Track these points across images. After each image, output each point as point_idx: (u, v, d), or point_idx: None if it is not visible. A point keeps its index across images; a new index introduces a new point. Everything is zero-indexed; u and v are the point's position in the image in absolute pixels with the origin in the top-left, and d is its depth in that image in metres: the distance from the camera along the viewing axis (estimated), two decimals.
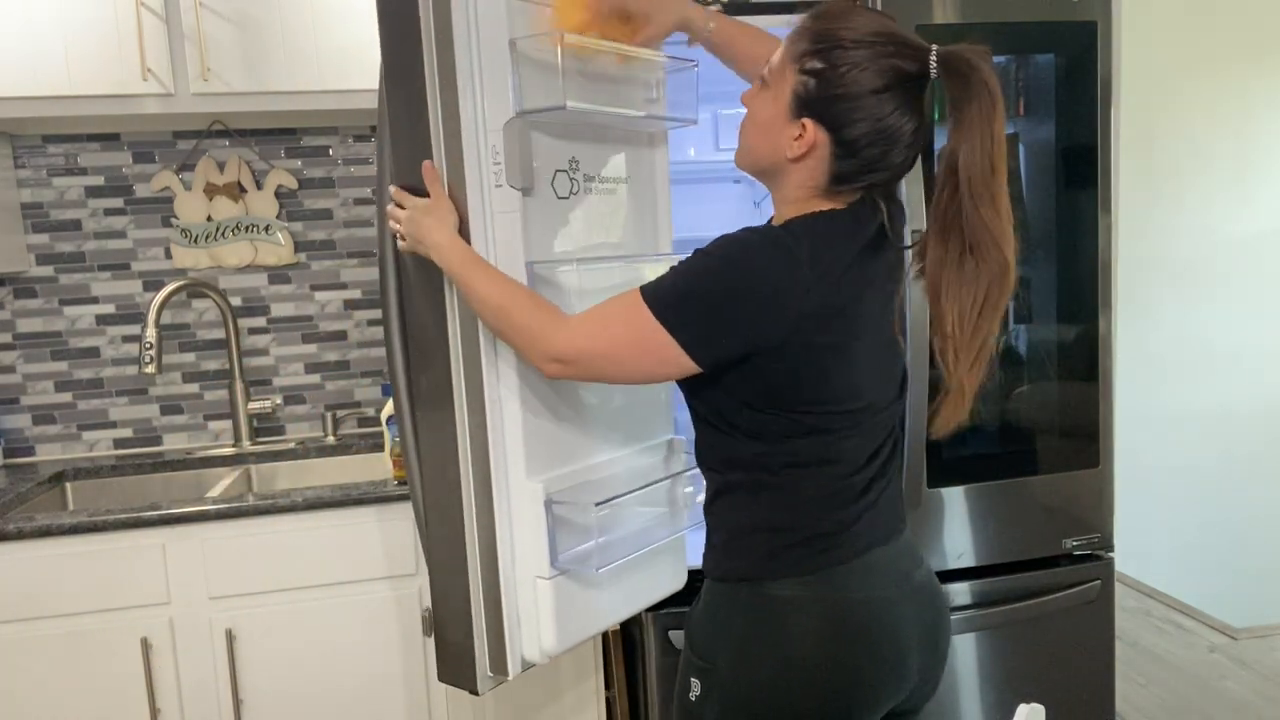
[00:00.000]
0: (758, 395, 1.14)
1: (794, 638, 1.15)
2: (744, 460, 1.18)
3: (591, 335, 1.15)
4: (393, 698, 1.98)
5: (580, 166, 1.41)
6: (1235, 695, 2.78)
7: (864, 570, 1.18)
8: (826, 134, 1.11)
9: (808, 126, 1.12)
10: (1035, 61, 2.01)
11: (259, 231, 2.41)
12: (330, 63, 2.08)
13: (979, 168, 1.06)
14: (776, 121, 1.15)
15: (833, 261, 1.11)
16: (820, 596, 1.16)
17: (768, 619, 1.16)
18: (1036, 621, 2.03)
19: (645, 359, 1.13)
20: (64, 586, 1.82)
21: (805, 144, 1.12)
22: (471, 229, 1.27)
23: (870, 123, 1.09)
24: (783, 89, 1.14)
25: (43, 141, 2.31)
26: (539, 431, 1.35)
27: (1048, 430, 2.04)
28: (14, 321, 2.34)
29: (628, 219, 1.51)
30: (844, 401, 1.15)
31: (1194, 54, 3.66)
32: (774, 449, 1.16)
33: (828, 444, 1.16)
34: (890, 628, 1.17)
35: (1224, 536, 3.84)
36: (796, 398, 1.13)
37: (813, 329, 1.10)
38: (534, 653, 1.38)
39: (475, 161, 1.27)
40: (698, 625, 1.23)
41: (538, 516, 1.33)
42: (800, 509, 1.17)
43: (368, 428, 2.52)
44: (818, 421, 1.15)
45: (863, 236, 1.15)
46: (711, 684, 1.18)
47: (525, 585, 1.36)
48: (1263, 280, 3.83)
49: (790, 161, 1.15)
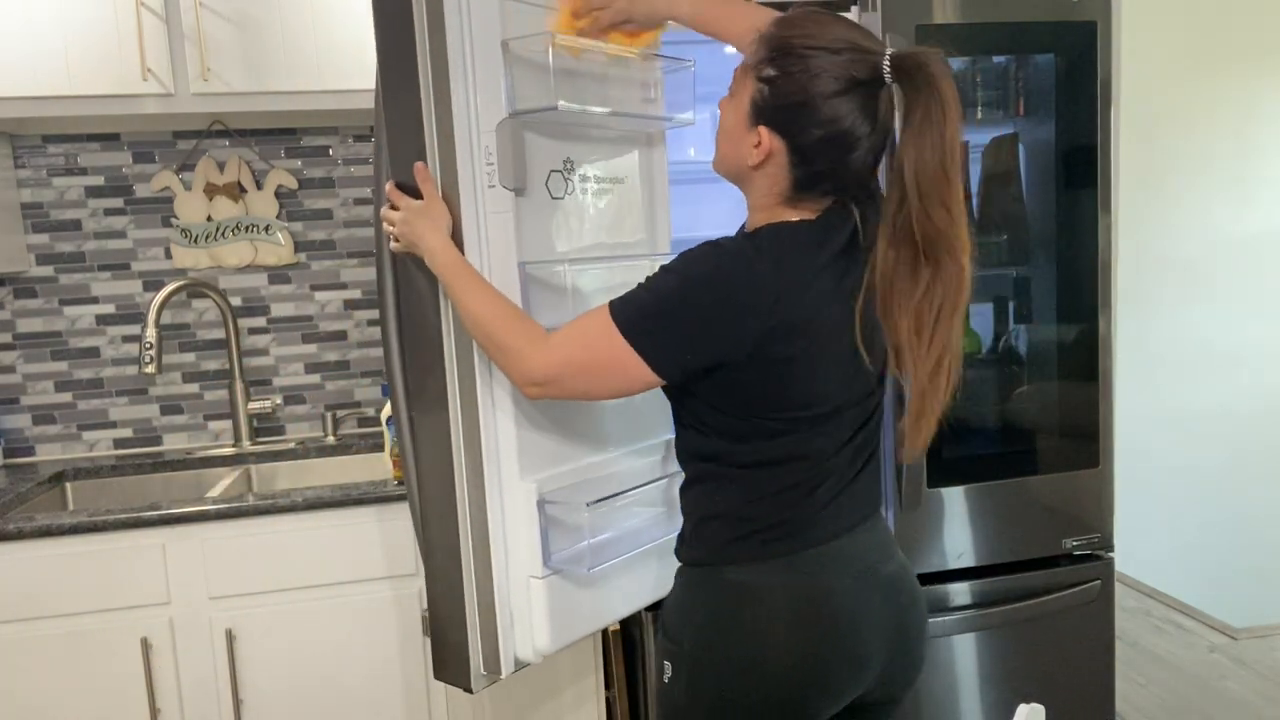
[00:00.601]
0: (725, 401, 1.16)
1: (751, 621, 1.17)
2: (713, 454, 1.20)
3: (566, 356, 1.18)
4: (392, 697, 1.98)
5: (575, 167, 1.41)
6: (1235, 695, 2.78)
7: (826, 558, 1.19)
8: (781, 141, 1.12)
9: (763, 134, 1.13)
10: (1035, 61, 2.01)
11: (259, 231, 2.41)
12: (330, 63, 2.08)
13: (929, 172, 1.04)
14: (738, 129, 1.16)
15: (797, 273, 1.11)
16: (781, 583, 1.18)
17: (727, 603, 1.19)
18: (1036, 621, 2.03)
19: (615, 376, 1.16)
20: (64, 586, 1.82)
21: (762, 152, 1.13)
22: (465, 230, 1.28)
23: (823, 129, 1.09)
24: (743, 97, 1.15)
25: (43, 141, 2.31)
26: (533, 432, 1.35)
27: (1048, 430, 2.04)
28: (14, 321, 2.34)
29: (624, 219, 1.51)
30: (811, 407, 1.17)
31: (1194, 54, 3.66)
32: (741, 447, 1.18)
33: (795, 442, 1.18)
34: (849, 616, 1.18)
35: (1224, 536, 3.84)
36: (763, 405, 1.16)
37: (777, 341, 1.11)
38: (528, 652, 1.38)
39: (468, 162, 1.27)
40: (669, 610, 1.26)
41: (531, 516, 1.33)
42: (764, 500, 1.19)
43: (368, 428, 2.52)
44: (784, 425, 1.17)
45: (833, 245, 1.15)
46: (680, 665, 1.21)
47: (519, 585, 1.36)
48: (1263, 280, 3.83)
49: (752, 169, 1.16)
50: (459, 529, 1.35)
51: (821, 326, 1.14)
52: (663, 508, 1.52)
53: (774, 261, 1.10)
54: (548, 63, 1.27)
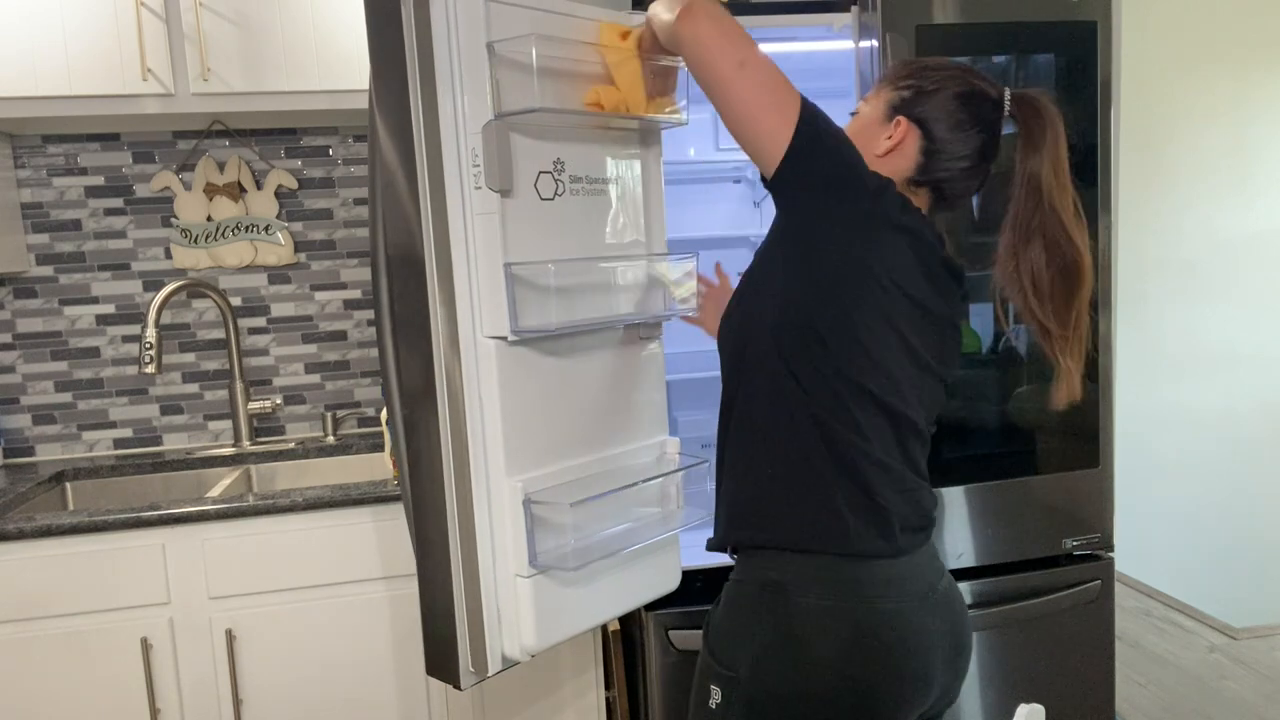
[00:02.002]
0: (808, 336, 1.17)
1: (819, 649, 1.15)
2: (783, 444, 1.21)
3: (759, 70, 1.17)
4: (392, 696, 1.98)
5: (566, 168, 1.41)
6: (1235, 695, 2.78)
7: (890, 581, 1.18)
8: (916, 128, 1.26)
9: (902, 123, 1.26)
10: (1035, 61, 2.01)
11: (259, 231, 2.41)
12: (330, 63, 2.08)
13: (1056, 184, 1.23)
14: (872, 125, 1.29)
15: (907, 217, 1.21)
16: (847, 608, 1.16)
17: (792, 631, 1.16)
18: (1036, 621, 2.03)
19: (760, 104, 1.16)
20: (64, 586, 1.82)
21: (897, 138, 1.26)
22: (451, 230, 1.29)
23: (955, 123, 1.25)
24: (878, 102, 1.30)
25: (43, 141, 2.31)
26: (520, 430, 1.36)
27: (1048, 430, 2.04)
28: (14, 321, 2.34)
29: (617, 220, 1.51)
30: (880, 372, 1.19)
31: (1194, 54, 3.66)
32: (812, 431, 1.19)
33: (863, 430, 1.18)
34: (915, 640, 1.18)
35: (1224, 537, 3.84)
36: (843, 342, 1.17)
37: (884, 222, 1.18)
38: (514, 650, 1.38)
39: (455, 163, 1.29)
40: (719, 632, 1.23)
41: (516, 515, 1.34)
42: (831, 513, 1.18)
43: (367, 428, 2.52)
44: (859, 381, 1.17)
45: (926, 235, 1.23)
46: (733, 694, 1.18)
47: (505, 583, 1.37)
48: (1263, 280, 3.83)
49: (878, 158, 1.27)
50: (447, 527, 1.36)
51: (902, 294, 1.21)
52: (656, 508, 1.52)
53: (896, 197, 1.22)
54: (532, 64, 1.28)
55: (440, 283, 1.31)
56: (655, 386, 1.58)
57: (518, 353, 1.35)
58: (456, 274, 1.31)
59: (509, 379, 1.34)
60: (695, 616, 1.90)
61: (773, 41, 1.93)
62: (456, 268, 1.31)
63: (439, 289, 1.31)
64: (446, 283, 1.31)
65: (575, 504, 1.34)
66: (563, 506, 1.35)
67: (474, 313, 1.33)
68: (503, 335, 1.32)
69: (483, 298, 1.33)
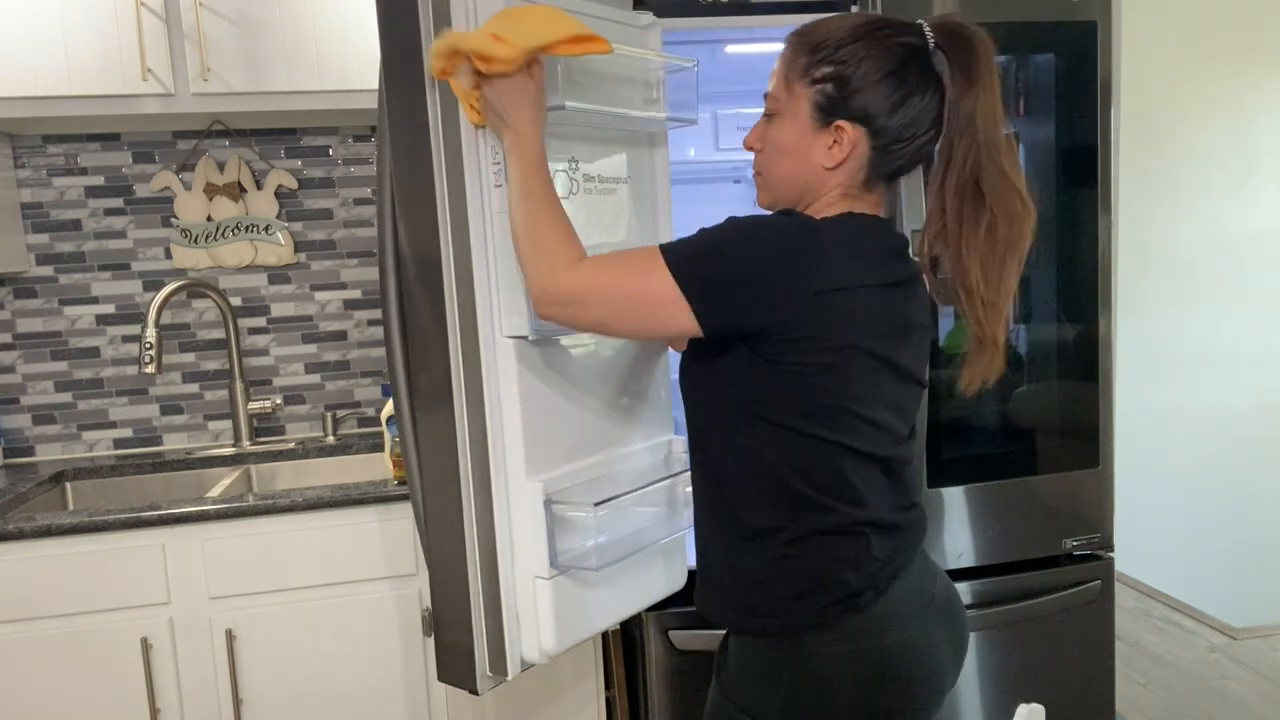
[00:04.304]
0: (773, 396, 1.10)
1: (847, 690, 1.13)
2: (765, 502, 1.14)
3: (598, 279, 1.12)
4: (393, 697, 1.98)
5: (580, 166, 1.41)
6: (1235, 695, 2.78)
7: (892, 615, 1.16)
8: (859, 127, 1.11)
9: (845, 128, 1.11)
10: (1035, 61, 2.01)
11: (259, 231, 2.41)
12: (330, 62, 2.08)
13: (993, 122, 1.08)
14: (803, 139, 1.14)
15: (863, 261, 1.09)
16: (862, 649, 1.14)
17: (814, 672, 1.14)
18: (1036, 621, 2.03)
19: (644, 311, 1.10)
20: (64, 586, 1.82)
21: (847, 144, 1.12)
22: (470, 228, 1.27)
23: (898, 102, 1.10)
24: (798, 108, 1.13)
25: (43, 141, 2.31)
26: (539, 431, 1.35)
27: (1048, 430, 2.04)
28: (14, 321, 2.34)
29: (627, 219, 1.51)
30: (868, 425, 1.12)
31: (1194, 54, 3.66)
32: (790, 482, 1.12)
33: (846, 466, 1.12)
34: (928, 656, 1.17)
35: (1224, 536, 3.84)
36: (811, 401, 1.09)
37: (824, 317, 1.06)
38: (533, 653, 1.37)
39: (474, 161, 1.26)
40: (738, 680, 1.20)
41: (537, 516, 1.32)
42: (825, 557, 1.14)
43: (368, 428, 2.52)
44: (834, 425, 1.10)
45: (893, 244, 1.14)
46: None
47: (524, 585, 1.36)
48: (1263, 280, 3.83)
49: (828, 170, 1.14)
50: (464, 530, 1.34)
51: (869, 329, 1.10)
52: (665, 507, 1.52)
53: (836, 245, 1.08)
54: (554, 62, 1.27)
55: (459, 282, 1.29)
56: (662, 384, 1.57)
57: (537, 353, 1.33)
58: (476, 273, 1.29)
59: (528, 379, 1.32)
60: (695, 616, 1.90)
61: (772, 42, 1.93)
62: (476, 267, 1.28)
63: (457, 288, 1.29)
64: (465, 282, 1.29)
65: (599, 504, 1.31)
66: (585, 507, 1.32)
67: (493, 312, 1.30)
68: (523, 335, 1.29)
69: (502, 297, 1.30)
